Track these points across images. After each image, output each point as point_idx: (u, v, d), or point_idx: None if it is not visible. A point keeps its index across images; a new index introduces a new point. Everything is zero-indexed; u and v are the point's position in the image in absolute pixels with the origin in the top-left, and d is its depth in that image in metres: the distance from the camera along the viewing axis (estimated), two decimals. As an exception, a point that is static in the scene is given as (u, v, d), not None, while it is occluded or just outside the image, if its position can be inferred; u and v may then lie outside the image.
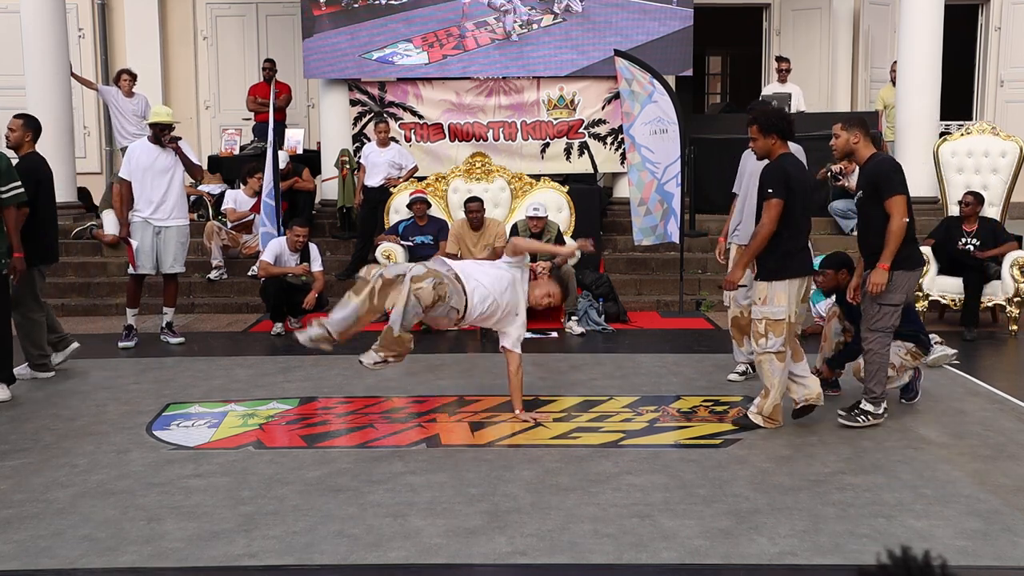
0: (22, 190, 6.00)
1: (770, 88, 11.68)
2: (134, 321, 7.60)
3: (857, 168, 9.47)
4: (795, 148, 5.90)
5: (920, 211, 7.70)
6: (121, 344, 7.33)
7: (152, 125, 7.47)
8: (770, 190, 5.07)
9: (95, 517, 4.10)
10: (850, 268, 5.73)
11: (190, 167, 7.65)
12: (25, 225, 6.13)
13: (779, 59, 11.66)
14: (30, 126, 6.56)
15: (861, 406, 5.22)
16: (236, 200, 9.83)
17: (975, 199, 8.00)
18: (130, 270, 7.55)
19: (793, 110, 10.99)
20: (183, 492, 4.38)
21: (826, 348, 5.87)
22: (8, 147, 6.52)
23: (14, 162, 6.25)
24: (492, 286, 5.28)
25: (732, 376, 6.30)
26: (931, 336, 6.09)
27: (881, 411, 5.21)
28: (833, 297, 5.97)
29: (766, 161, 5.40)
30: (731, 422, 5.32)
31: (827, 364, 5.81)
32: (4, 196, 5.93)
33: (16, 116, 6.67)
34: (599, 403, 5.80)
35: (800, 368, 5.29)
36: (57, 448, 5.03)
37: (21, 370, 6.35)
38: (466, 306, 5.23)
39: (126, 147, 10.60)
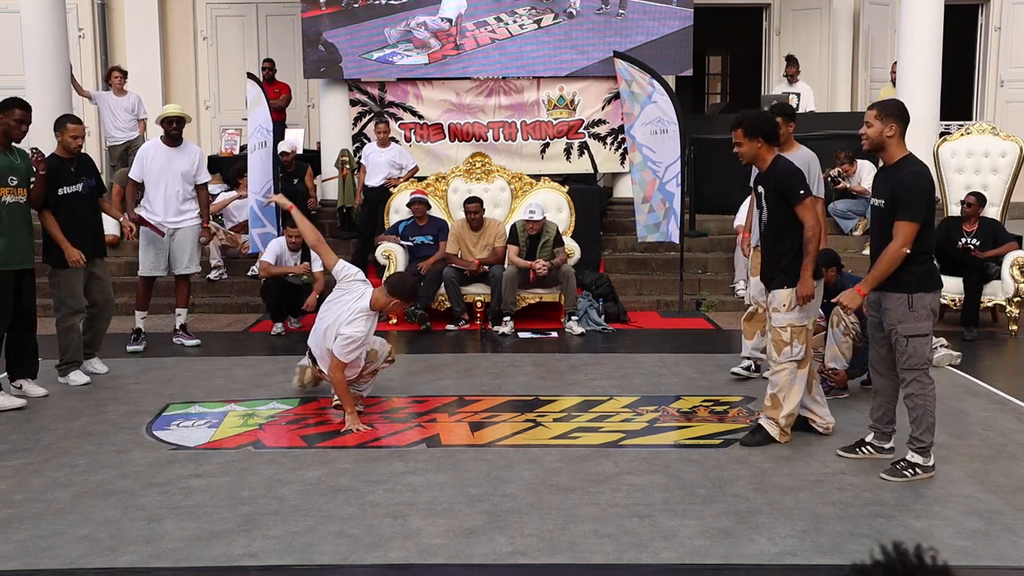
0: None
1: (779, 87, 11.68)
2: (143, 324, 7.41)
3: (858, 169, 9.59)
4: (809, 155, 5.86)
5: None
6: (130, 348, 7.19)
7: (165, 121, 7.29)
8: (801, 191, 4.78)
9: (95, 517, 4.10)
10: (837, 263, 5.89)
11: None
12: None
13: (788, 61, 11.60)
14: None
15: (908, 459, 4.51)
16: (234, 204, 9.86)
17: (977, 200, 7.99)
18: (141, 272, 7.42)
19: (802, 110, 10.97)
20: (183, 492, 4.38)
21: (831, 352, 5.84)
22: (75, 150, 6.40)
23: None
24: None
25: (737, 369, 6.28)
26: (935, 338, 6.08)
27: (932, 462, 4.51)
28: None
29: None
30: (741, 442, 4.99)
31: (846, 372, 5.79)
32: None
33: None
34: (599, 403, 5.80)
35: (819, 391, 5.22)
36: (57, 448, 5.03)
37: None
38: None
39: (118, 143, 10.64)
